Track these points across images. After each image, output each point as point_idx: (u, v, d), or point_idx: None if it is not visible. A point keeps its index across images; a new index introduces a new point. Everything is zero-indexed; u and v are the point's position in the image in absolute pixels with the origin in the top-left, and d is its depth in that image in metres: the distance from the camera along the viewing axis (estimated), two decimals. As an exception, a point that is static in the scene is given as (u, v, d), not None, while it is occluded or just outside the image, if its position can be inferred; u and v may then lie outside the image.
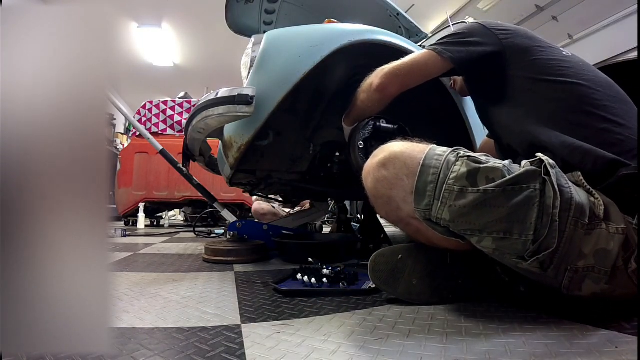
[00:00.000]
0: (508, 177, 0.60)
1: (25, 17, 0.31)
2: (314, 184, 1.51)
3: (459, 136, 1.27)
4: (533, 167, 0.61)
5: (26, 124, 0.30)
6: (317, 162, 1.41)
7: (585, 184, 0.65)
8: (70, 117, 0.31)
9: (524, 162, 0.64)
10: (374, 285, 0.80)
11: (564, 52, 0.83)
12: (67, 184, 0.31)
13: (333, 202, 2.70)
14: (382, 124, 1.21)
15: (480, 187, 0.61)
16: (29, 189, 0.30)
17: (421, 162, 0.66)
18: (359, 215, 3.16)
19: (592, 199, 0.62)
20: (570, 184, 0.61)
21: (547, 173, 0.60)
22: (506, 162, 0.64)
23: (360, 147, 1.20)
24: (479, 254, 0.73)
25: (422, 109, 1.40)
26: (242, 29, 1.89)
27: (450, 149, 0.67)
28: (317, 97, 1.33)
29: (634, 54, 2.33)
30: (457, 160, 0.64)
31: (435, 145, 0.70)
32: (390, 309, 0.72)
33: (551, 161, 0.62)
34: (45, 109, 0.31)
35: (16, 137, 0.30)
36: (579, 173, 0.66)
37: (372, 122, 1.22)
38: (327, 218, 3.56)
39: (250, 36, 1.23)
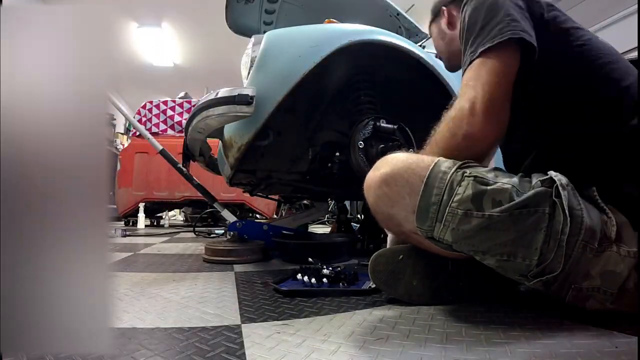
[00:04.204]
0: (516, 200, 0.56)
1: (25, 17, 0.31)
2: (314, 184, 1.51)
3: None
4: (543, 188, 0.57)
5: (26, 124, 0.30)
6: (317, 162, 1.41)
7: (599, 201, 0.60)
8: (70, 117, 0.31)
9: (534, 180, 0.59)
10: (374, 285, 0.80)
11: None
12: (67, 184, 0.31)
13: (333, 202, 2.71)
14: (382, 124, 1.21)
15: (486, 212, 0.57)
16: (28, 189, 0.30)
17: (424, 180, 0.62)
18: (359, 215, 3.16)
19: (605, 217, 0.58)
20: (582, 203, 0.57)
21: (558, 195, 0.56)
22: (515, 179, 0.59)
23: (360, 147, 1.20)
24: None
25: (422, 108, 1.40)
26: (242, 29, 1.89)
27: (457, 165, 0.62)
28: (317, 97, 1.33)
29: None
30: (462, 180, 0.60)
31: (441, 159, 0.64)
32: (390, 309, 0.72)
33: (564, 180, 0.57)
34: (45, 108, 0.31)
35: (16, 137, 0.30)
36: (594, 189, 0.61)
37: (372, 122, 1.22)
38: (327, 218, 3.57)
39: (250, 36, 1.23)
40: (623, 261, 0.56)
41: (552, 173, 0.59)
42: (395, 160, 0.68)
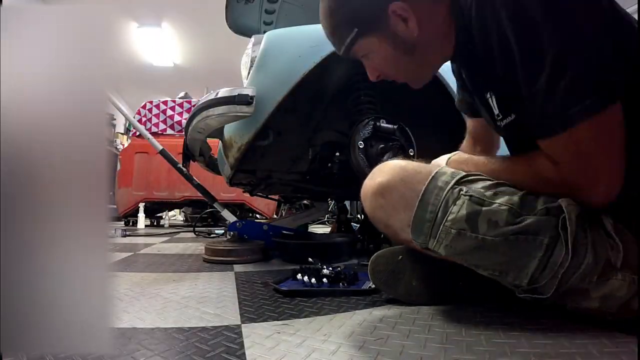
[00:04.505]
0: (514, 226, 0.54)
1: (25, 17, 0.31)
2: (314, 184, 1.51)
3: (458, 133, 1.27)
4: (548, 217, 0.53)
5: (26, 124, 0.30)
6: (317, 162, 1.41)
7: (606, 224, 0.55)
8: (70, 117, 0.31)
9: (540, 203, 0.55)
10: (374, 286, 0.80)
11: None
12: (67, 184, 0.31)
13: (333, 202, 2.71)
14: (382, 124, 1.21)
15: (479, 234, 0.56)
16: (28, 189, 0.30)
17: (420, 196, 0.61)
18: (359, 215, 3.16)
19: (611, 243, 0.54)
20: (590, 236, 0.53)
21: (564, 227, 0.52)
22: (516, 198, 0.55)
23: (360, 147, 1.20)
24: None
25: (422, 107, 1.40)
26: (242, 29, 1.89)
27: (455, 179, 0.60)
28: (317, 97, 1.33)
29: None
30: (458, 198, 0.58)
31: (439, 171, 0.62)
32: (390, 309, 0.72)
33: (574, 212, 0.53)
34: (45, 108, 0.31)
35: (16, 137, 0.30)
36: (611, 221, 0.55)
37: (372, 122, 1.22)
38: (327, 218, 3.57)
39: (250, 36, 1.23)
40: (627, 286, 0.53)
41: (562, 201, 0.54)
42: (392, 171, 0.66)
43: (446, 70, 1.21)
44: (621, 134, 0.51)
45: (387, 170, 0.67)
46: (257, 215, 3.63)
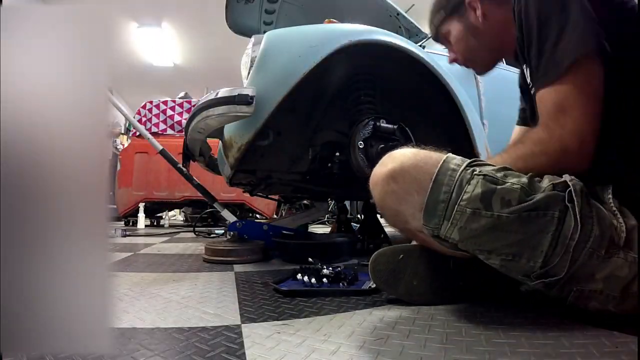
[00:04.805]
0: (526, 203, 0.56)
1: (25, 17, 0.31)
2: (314, 184, 1.51)
3: (458, 133, 1.27)
4: (556, 192, 0.56)
5: (26, 124, 0.30)
6: (317, 162, 1.41)
7: (612, 205, 0.58)
8: (70, 117, 0.31)
9: (546, 182, 0.58)
10: (374, 285, 0.80)
11: None
12: (67, 184, 0.31)
13: (333, 202, 2.71)
14: (382, 124, 1.22)
15: (495, 212, 0.57)
16: (28, 189, 0.30)
17: (433, 177, 0.61)
18: (359, 215, 3.16)
19: (615, 222, 0.57)
20: (594, 209, 0.56)
21: (571, 200, 0.55)
22: (525, 179, 0.58)
23: (360, 147, 1.20)
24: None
25: (422, 107, 1.40)
26: (242, 29, 1.89)
27: (466, 163, 0.62)
28: (317, 97, 1.33)
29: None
30: (472, 178, 0.59)
31: (450, 156, 0.64)
32: (390, 309, 0.72)
33: (578, 185, 0.56)
34: (45, 109, 0.31)
35: (16, 137, 0.30)
36: (610, 192, 0.60)
37: (372, 122, 1.22)
38: (327, 218, 3.57)
39: (250, 36, 1.23)
40: (629, 266, 0.55)
41: (566, 177, 0.58)
42: (403, 157, 0.67)
43: (446, 70, 1.21)
44: (599, 95, 0.60)
45: (399, 156, 0.68)
46: (257, 215, 3.63)
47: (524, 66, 0.72)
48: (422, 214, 0.63)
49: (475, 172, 0.60)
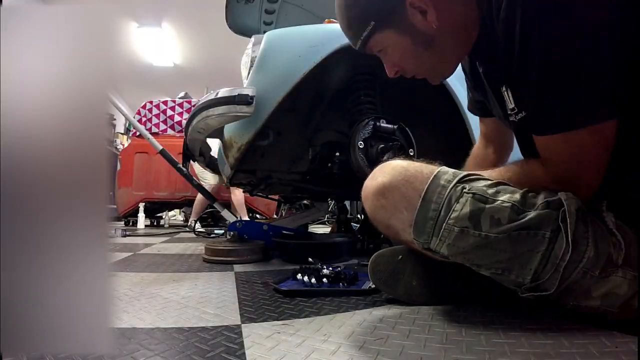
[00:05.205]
0: (516, 222, 0.54)
1: (25, 17, 0.31)
2: (314, 184, 1.51)
3: (458, 134, 1.27)
4: (549, 210, 0.54)
5: (26, 124, 0.30)
6: (317, 162, 1.41)
7: (610, 225, 0.55)
8: (70, 117, 0.31)
9: (541, 199, 0.56)
10: (374, 286, 0.80)
11: None
12: (67, 184, 0.31)
13: (333, 202, 2.71)
14: (382, 124, 1.22)
15: (483, 232, 0.56)
16: (28, 189, 0.30)
17: (422, 195, 0.60)
18: (359, 215, 3.16)
19: (613, 240, 0.54)
20: (591, 229, 0.53)
21: (564, 220, 0.53)
22: (517, 196, 0.56)
23: (360, 147, 1.20)
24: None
25: (422, 107, 1.40)
26: (242, 29, 1.89)
27: (457, 178, 0.59)
28: (317, 97, 1.33)
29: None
30: (460, 196, 0.57)
31: (442, 170, 0.62)
32: (390, 309, 0.72)
33: (573, 205, 0.53)
34: (45, 108, 0.31)
35: (16, 137, 0.30)
36: (604, 205, 0.57)
37: (372, 122, 1.22)
38: (327, 218, 3.57)
39: (250, 36, 1.23)
40: (628, 284, 0.53)
41: (562, 195, 0.55)
42: (393, 171, 0.65)
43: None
44: (612, 145, 0.54)
45: (389, 170, 0.66)
46: (257, 215, 3.64)
47: (504, 86, 0.63)
48: (411, 229, 0.62)
49: (464, 190, 0.58)
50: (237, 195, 2.96)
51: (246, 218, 2.91)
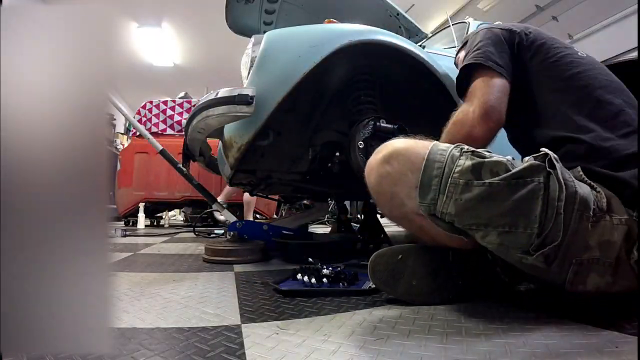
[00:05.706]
0: (512, 171, 0.61)
1: (25, 17, 0.31)
2: (314, 184, 1.51)
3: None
4: (537, 162, 0.61)
5: (26, 124, 0.30)
6: (317, 162, 1.41)
7: (586, 178, 0.66)
8: (70, 117, 0.31)
9: (527, 158, 0.64)
10: (374, 285, 0.80)
11: (579, 53, 0.83)
12: (67, 184, 0.31)
13: (333, 202, 2.71)
14: (382, 124, 1.21)
15: (486, 180, 0.61)
16: (29, 189, 0.30)
17: (425, 156, 0.67)
18: (359, 215, 3.16)
19: (594, 192, 0.63)
20: (573, 178, 0.62)
21: (552, 166, 0.60)
22: (509, 157, 0.65)
23: (360, 147, 1.20)
24: (480, 254, 0.73)
25: (422, 107, 1.40)
26: (243, 29, 1.89)
27: (453, 145, 0.68)
28: (317, 97, 1.33)
29: (634, 54, 2.33)
30: (461, 155, 0.65)
31: (438, 142, 0.71)
32: (390, 309, 0.72)
33: (555, 155, 0.62)
34: (45, 108, 0.31)
35: (16, 137, 0.30)
36: (579, 168, 0.68)
37: (372, 122, 1.22)
38: (327, 218, 3.57)
39: (250, 36, 1.23)
40: (616, 229, 0.60)
41: (544, 149, 0.63)
42: (395, 143, 0.73)
43: (446, 70, 1.21)
44: (503, 95, 0.79)
45: (390, 144, 0.73)
46: (257, 215, 3.64)
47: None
48: (417, 191, 0.66)
49: (463, 150, 0.66)
50: (247, 195, 2.96)
51: (250, 218, 2.91)
